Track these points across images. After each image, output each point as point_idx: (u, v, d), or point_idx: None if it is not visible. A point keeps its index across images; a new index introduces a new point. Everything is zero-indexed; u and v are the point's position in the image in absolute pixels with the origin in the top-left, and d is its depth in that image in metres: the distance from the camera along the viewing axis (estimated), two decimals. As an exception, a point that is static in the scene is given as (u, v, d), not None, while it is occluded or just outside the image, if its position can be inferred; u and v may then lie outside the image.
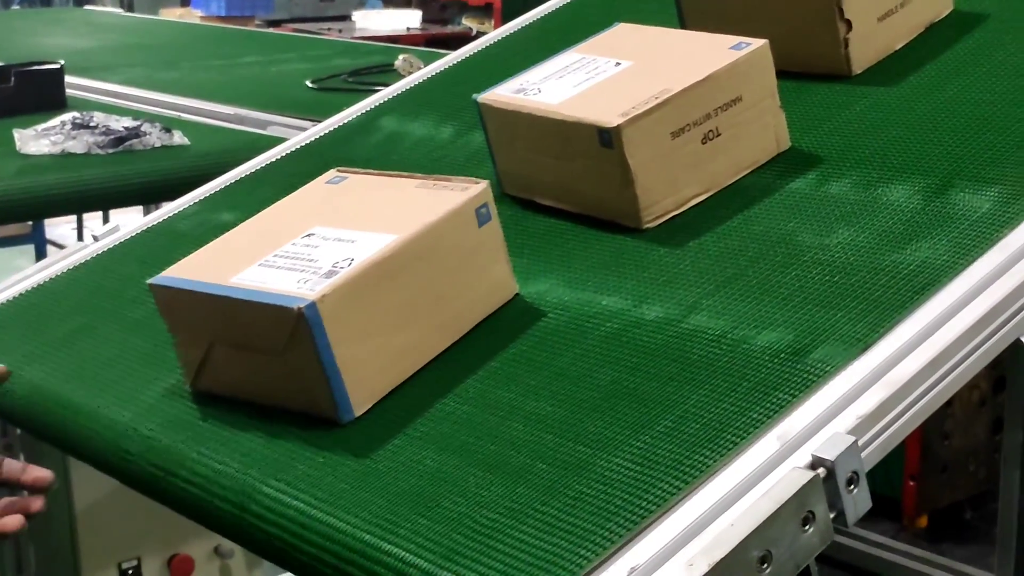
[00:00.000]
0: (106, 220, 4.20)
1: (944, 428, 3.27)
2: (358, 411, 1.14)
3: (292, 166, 1.78)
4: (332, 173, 1.35)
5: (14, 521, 1.15)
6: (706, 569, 0.89)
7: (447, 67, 1.99)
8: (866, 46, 1.56)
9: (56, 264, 1.66)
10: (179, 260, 1.26)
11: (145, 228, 1.71)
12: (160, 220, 1.72)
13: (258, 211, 1.34)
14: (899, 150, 1.37)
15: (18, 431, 1.90)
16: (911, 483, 3.32)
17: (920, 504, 3.34)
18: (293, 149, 1.84)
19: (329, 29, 6.90)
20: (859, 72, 1.55)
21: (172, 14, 7.47)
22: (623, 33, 1.54)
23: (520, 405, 1.11)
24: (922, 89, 1.49)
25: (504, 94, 1.44)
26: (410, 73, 2.15)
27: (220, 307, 1.17)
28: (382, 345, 1.16)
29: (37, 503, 1.18)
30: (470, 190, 1.24)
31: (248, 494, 1.11)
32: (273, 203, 1.36)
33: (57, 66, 2.76)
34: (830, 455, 0.96)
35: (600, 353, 1.15)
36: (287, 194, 1.36)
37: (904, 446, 3.28)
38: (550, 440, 1.05)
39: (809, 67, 1.56)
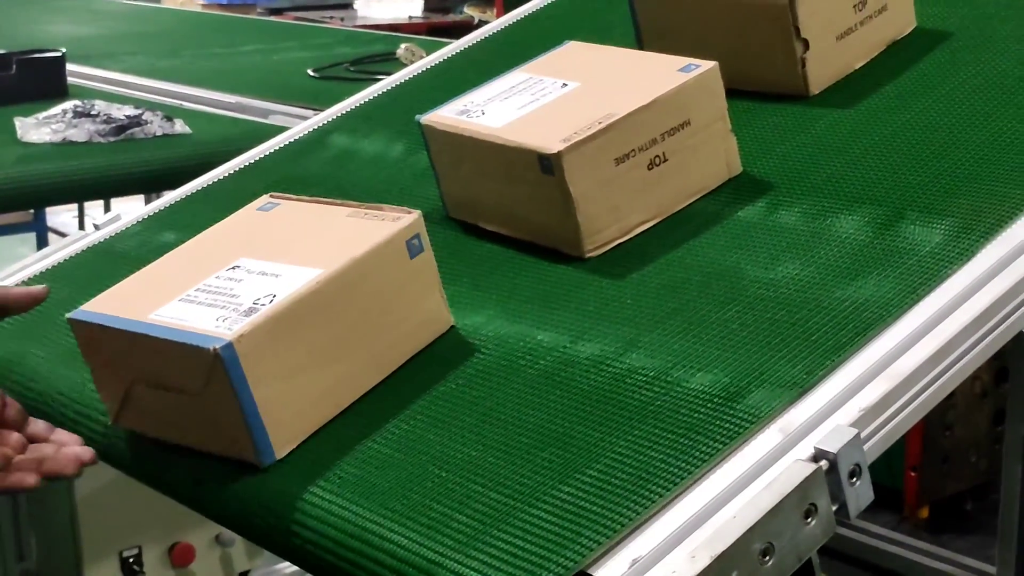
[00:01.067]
0: (107, 209, 4.19)
1: (946, 419, 3.27)
2: (280, 453, 1.10)
3: (241, 183, 1.72)
4: (265, 199, 1.30)
5: (31, 478, 1.09)
6: (708, 561, 0.89)
7: (423, 71, 1.96)
8: (824, 66, 1.51)
9: (57, 252, 1.66)
10: (110, 286, 1.21)
11: (87, 247, 1.66)
12: (102, 239, 1.65)
13: (197, 233, 1.30)
14: (852, 177, 1.32)
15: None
16: (912, 474, 3.33)
17: (921, 495, 3.35)
18: (246, 164, 1.78)
19: (331, 17, 6.89)
20: (817, 92, 1.51)
21: (174, 2, 7.46)
22: (573, 52, 1.49)
23: (446, 449, 1.07)
24: (880, 111, 1.45)
25: (447, 116, 1.40)
26: (412, 62, 2.15)
27: (138, 344, 1.12)
28: (306, 384, 1.12)
29: (69, 466, 1.11)
30: (401, 220, 1.19)
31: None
32: (212, 225, 1.32)
33: (59, 54, 2.75)
34: (832, 447, 0.96)
35: (532, 394, 1.10)
36: (229, 215, 1.32)
37: (905, 437, 3.28)
38: (474, 489, 1.01)
39: (766, 87, 1.52)
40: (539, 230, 1.34)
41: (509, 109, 1.37)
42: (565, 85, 1.39)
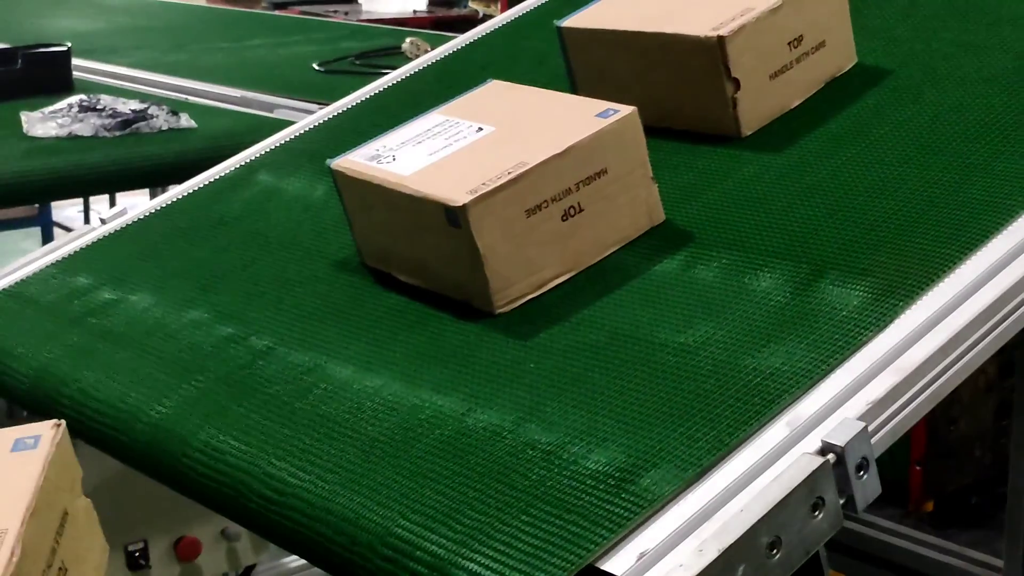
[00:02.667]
0: (113, 203, 4.19)
1: (951, 413, 3.27)
2: None
3: (162, 222, 1.69)
4: None
5: None
6: (715, 555, 0.88)
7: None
8: (757, 106, 1.44)
9: (63, 247, 1.66)
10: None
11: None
12: (12, 282, 1.61)
13: (115, 274, 1.30)
14: (775, 230, 1.27)
15: (24, 413, 1.90)
16: (917, 468, 3.32)
17: (926, 489, 3.35)
18: (167, 204, 1.73)
19: (336, 12, 6.87)
20: (749, 133, 1.44)
21: (179, -4, 7.45)
22: (493, 92, 1.44)
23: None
24: (811, 155, 1.39)
25: (358, 160, 1.35)
26: (417, 56, 2.15)
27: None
28: None
29: None
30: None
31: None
32: (131, 261, 1.34)
33: (64, 48, 2.75)
34: (840, 441, 0.96)
35: (425, 467, 1.06)
36: (148, 254, 1.32)
37: (910, 431, 3.28)
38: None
39: (699, 127, 1.46)
40: (449, 283, 1.29)
41: (420, 155, 1.31)
42: (480, 129, 1.33)
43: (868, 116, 1.43)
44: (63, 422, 1.07)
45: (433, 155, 1.31)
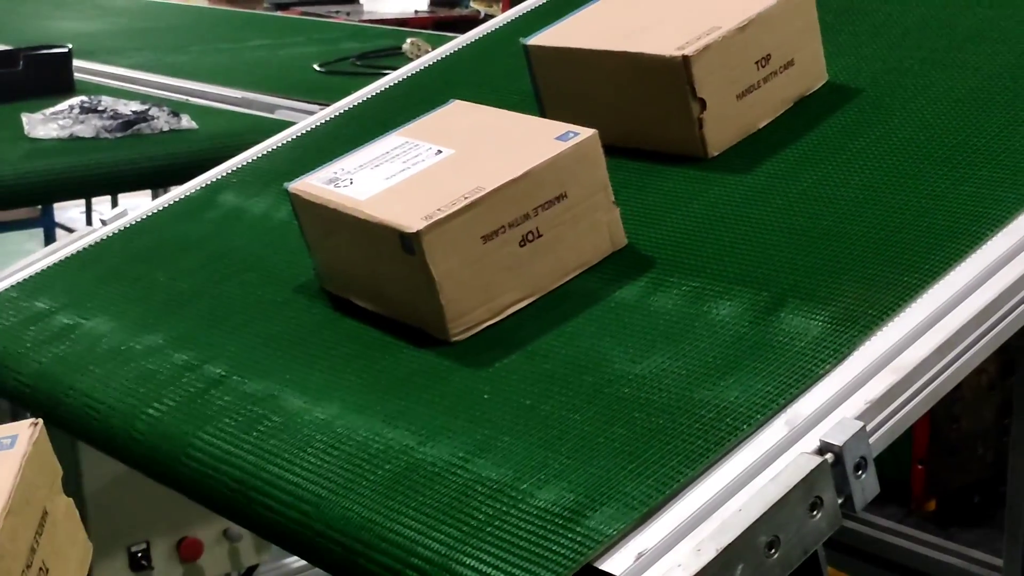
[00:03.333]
0: (115, 204, 4.20)
1: (953, 411, 3.27)
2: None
3: (125, 243, 1.66)
4: None
5: None
6: (714, 554, 0.89)
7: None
8: (723, 126, 1.41)
9: (65, 248, 1.66)
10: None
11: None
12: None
13: (74, 298, 1.28)
14: (738, 255, 1.24)
15: (28, 414, 1.90)
16: (919, 467, 3.32)
17: (928, 488, 3.34)
18: (130, 225, 1.70)
19: (337, 12, 6.88)
20: (716, 154, 1.41)
21: (180, -3, 7.45)
22: (455, 113, 1.41)
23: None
24: (778, 177, 1.36)
25: (315, 184, 1.32)
26: (418, 56, 2.15)
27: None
28: None
29: None
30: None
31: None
32: (92, 285, 1.31)
33: (65, 50, 2.76)
34: (838, 440, 0.96)
35: (376, 502, 1.04)
36: (109, 277, 1.30)
37: (912, 429, 3.28)
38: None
39: (665, 147, 1.43)
40: (405, 310, 1.26)
41: (378, 179, 1.28)
42: (439, 152, 1.30)
43: (836, 137, 1.40)
44: (40, 421, 1.06)
45: (390, 179, 1.28)
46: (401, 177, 1.28)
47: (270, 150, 1.82)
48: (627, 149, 1.42)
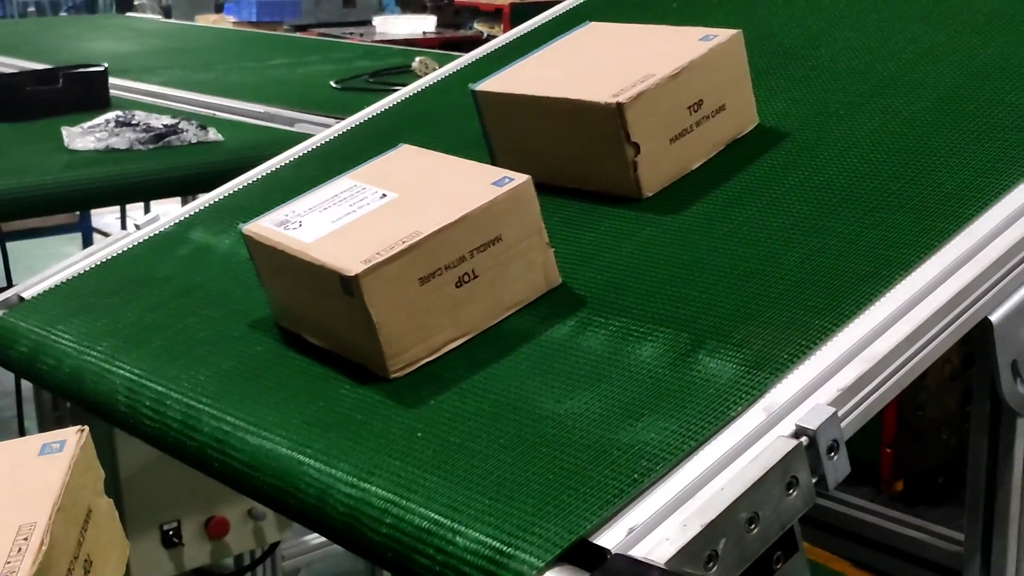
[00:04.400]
0: (147, 210, 4.20)
1: (919, 400, 3.28)
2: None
3: (98, 282, 1.61)
4: None
5: None
6: (699, 529, 0.89)
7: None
8: (657, 169, 1.38)
9: (101, 251, 1.67)
10: None
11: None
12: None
13: (45, 331, 1.26)
14: (663, 296, 1.21)
15: (68, 404, 1.91)
16: (888, 450, 3.33)
17: (896, 469, 3.36)
18: (107, 259, 1.65)
19: (351, 33, 6.89)
20: (650, 195, 1.38)
21: (207, 20, 7.46)
22: (402, 158, 1.39)
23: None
24: (707, 218, 1.33)
25: (267, 226, 1.30)
26: (426, 73, 2.15)
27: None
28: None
29: None
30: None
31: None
32: (64, 318, 1.31)
33: (101, 68, 2.76)
34: (812, 425, 0.96)
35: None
36: (80, 310, 1.27)
37: (882, 416, 3.28)
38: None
39: (605, 188, 1.40)
40: (348, 347, 1.23)
41: (325, 222, 1.26)
42: (384, 196, 1.28)
43: (763, 179, 1.37)
44: (86, 428, 1.07)
45: (337, 222, 1.26)
46: (347, 220, 1.26)
47: (273, 169, 1.82)
48: (570, 189, 1.40)
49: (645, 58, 1.41)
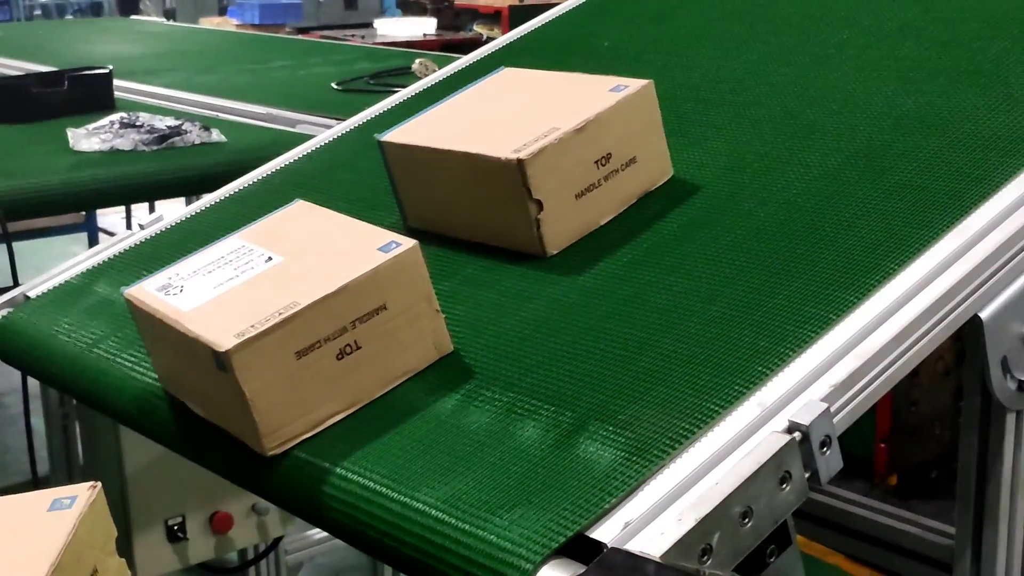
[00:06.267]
0: (151, 210, 4.20)
1: (912, 396, 3.28)
2: None
3: (9, 338, 1.53)
4: None
5: None
6: (693, 523, 0.89)
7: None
8: (562, 225, 1.30)
9: (107, 250, 1.67)
10: None
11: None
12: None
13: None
14: (553, 367, 1.13)
15: (74, 401, 1.91)
16: (882, 445, 3.33)
17: (890, 464, 3.36)
18: (10, 315, 1.56)
19: (352, 35, 6.88)
20: (555, 252, 1.30)
21: (210, 23, 7.46)
22: (294, 216, 1.30)
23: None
24: (609, 279, 1.25)
25: (148, 291, 1.22)
26: (426, 75, 2.15)
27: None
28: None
29: None
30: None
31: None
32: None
33: (106, 71, 2.76)
34: (805, 420, 0.97)
35: None
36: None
37: (875, 411, 3.28)
38: None
39: (509, 244, 1.33)
40: (228, 421, 1.17)
41: (207, 287, 1.19)
42: (269, 259, 1.20)
43: (671, 237, 1.30)
44: (99, 484, 1.03)
45: (219, 287, 1.18)
46: (229, 286, 1.18)
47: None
48: (475, 244, 1.35)
49: (552, 109, 1.34)
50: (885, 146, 1.36)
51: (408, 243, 1.16)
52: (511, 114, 1.38)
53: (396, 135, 1.43)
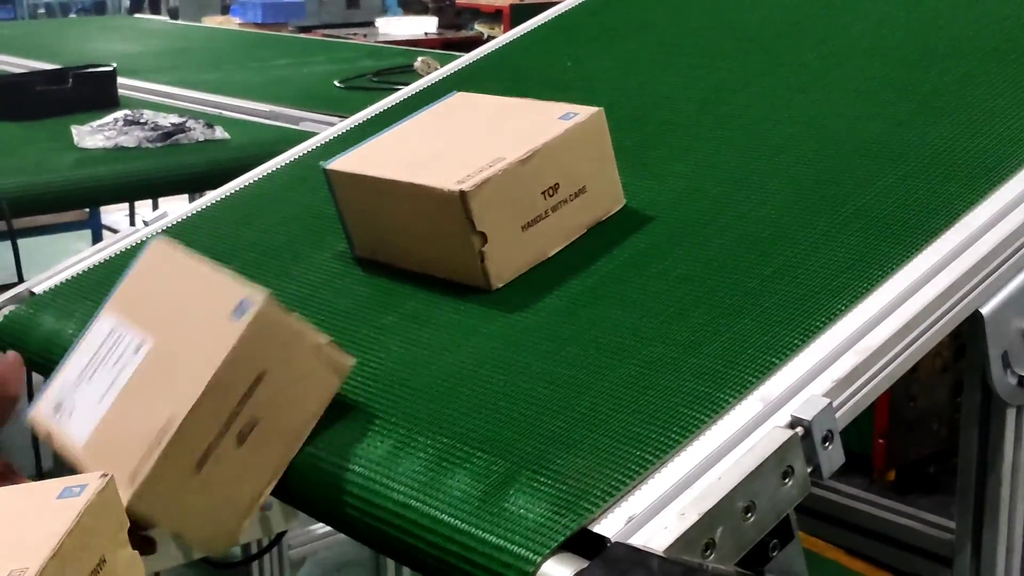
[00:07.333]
0: (155, 207, 4.20)
1: (910, 391, 3.27)
2: None
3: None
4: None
5: None
6: (696, 518, 0.89)
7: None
8: (508, 258, 1.25)
9: (110, 247, 1.66)
10: None
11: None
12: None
13: None
14: (490, 411, 1.07)
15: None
16: (880, 441, 3.33)
17: (889, 460, 3.35)
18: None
19: (355, 34, 6.89)
20: (500, 285, 1.25)
21: (213, 21, 7.46)
22: (156, 272, 1.18)
23: None
24: (553, 314, 1.20)
25: (45, 411, 1.14)
26: (428, 73, 2.15)
27: None
28: None
29: None
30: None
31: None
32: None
33: (110, 68, 2.76)
34: (807, 415, 0.96)
35: None
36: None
37: (874, 407, 3.28)
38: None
39: (455, 276, 1.28)
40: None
41: (92, 404, 1.09)
42: (139, 348, 1.10)
43: (619, 270, 1.25)
44: (110, 473, 1.02)
45: (101, 403, 1.09)
46: (109, 400, 1.08)
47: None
48: (422, 275, 1.31)
49: (500, 138, 1.29)
50: (846, 173, 1.32)
51: (258, 300, 1.03)
52: (458, 142, 1.34)
53: (342, 163, 1.38)
